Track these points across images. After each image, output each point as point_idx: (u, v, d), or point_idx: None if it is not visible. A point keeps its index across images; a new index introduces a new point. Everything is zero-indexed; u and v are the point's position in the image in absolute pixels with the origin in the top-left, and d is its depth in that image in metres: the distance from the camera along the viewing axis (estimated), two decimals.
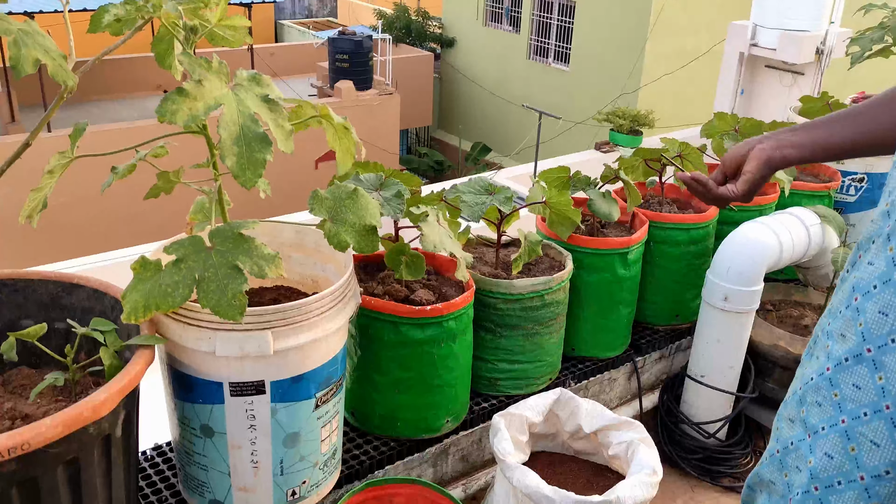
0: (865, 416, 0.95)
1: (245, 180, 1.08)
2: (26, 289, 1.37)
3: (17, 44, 0.98)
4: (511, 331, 1.74)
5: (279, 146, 1.12)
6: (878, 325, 0.94)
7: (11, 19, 1.02)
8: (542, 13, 15.52)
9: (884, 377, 0.93)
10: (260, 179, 1.10)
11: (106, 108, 12.27)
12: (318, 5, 22.85)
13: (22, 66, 0.97)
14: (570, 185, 1.96)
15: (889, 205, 0.95)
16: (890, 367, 0.93)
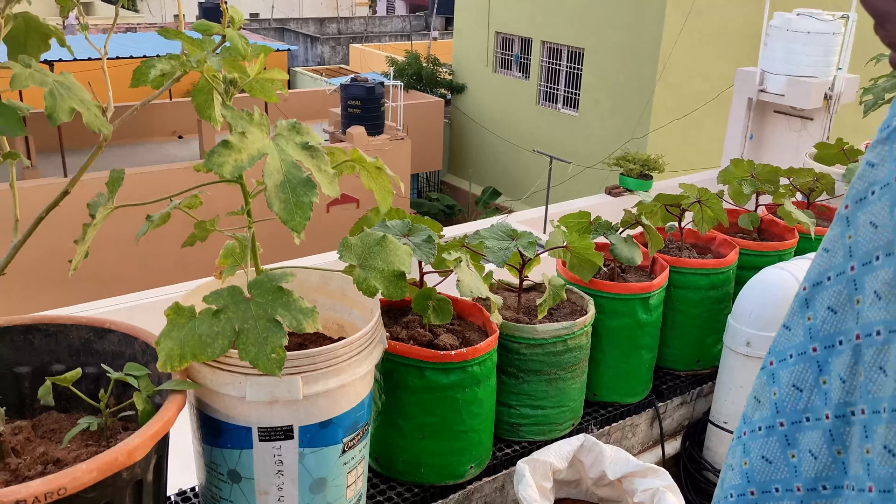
0: (777, 492, 0.91)
1: (294, 224, 1.10)
2: (58, 333, 1.38)
3: (53, 94, 1.01)
4: (534, 376, 1.75)
5: (324, 190, 1.14)
6: (792, 399, 0.90)
7: (47, 71, 1.06)
8: (550, 60, 15.77)
9: (796, 455, 0.90)
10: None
11: (123, 153, 12.47)
12: (331, 53, 23.29)
13: (57, 115, 1.00)
14: (591, 229, 1.98)
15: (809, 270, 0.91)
16: (803, 445, 0.89)
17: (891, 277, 0.79)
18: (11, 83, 1.02)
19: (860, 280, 0.84)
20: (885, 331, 0.79)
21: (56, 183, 9.99)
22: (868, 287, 0.82)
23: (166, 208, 1.34)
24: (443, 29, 25.82)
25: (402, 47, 20.13)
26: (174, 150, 13.74)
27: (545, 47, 15.78)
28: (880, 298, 0.80)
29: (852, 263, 0.85)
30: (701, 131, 13.59)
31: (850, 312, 0.85)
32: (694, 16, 12.46)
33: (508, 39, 16.68)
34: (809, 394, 0.89)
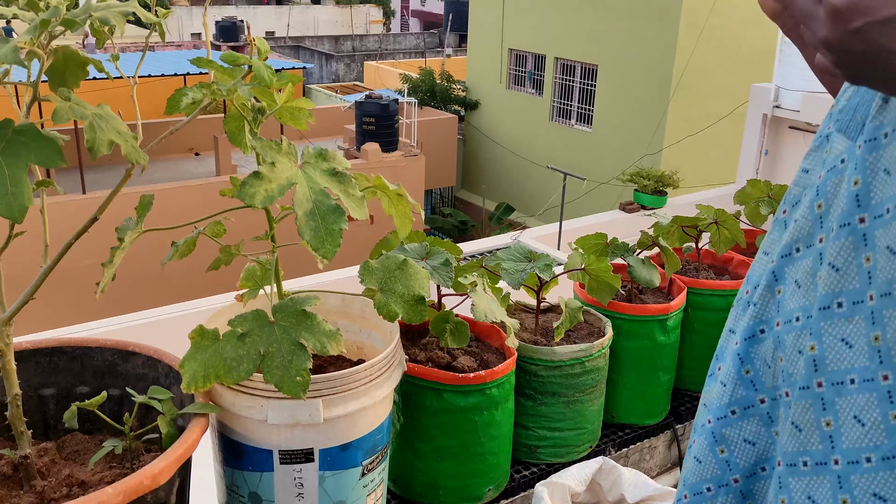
0: (708, 492, 0.94)
1: (325, 252, 1.12)
2: (84, 356, 1.41)
3: (93, 127, 1.04)
4: (551, 398, 1.75)
5: (354, 215, 1.16)
6: (718, 395, 0.95)
7: (87, 104, 1.08)
8: (564, 76, 15.82)
9: (726, 451, 0.94)
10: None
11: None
12: (345, 70, 23.48)
13: (98, 148, 1.02)
14: (609, 251, 1.98)
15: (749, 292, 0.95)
16: (735, 437, 0.93)
17: (810, 266, 0.84)
18: (54, 117, 1.05)
19: (780, 271, 0.89)
20: (804, 316, 0.83)
21: (75, 200, 10.12)
22: (789, 277, 0.87)
23: (191, 234, 1.36)
24: (456, 46, 25.99)
25: (416, 64, 20.27)
26: (191, 167, 13.87)
27: (559, 64, 15.84)
28: (800, 287, 0.85)
29: (773, 258, 0.91)
30: (715, 147, 13.57)
31: (772, 302, 0.90)
32: (708, 31, 12.48)
33: (522, 56, 16.76)
34: (733, 386, 0.93)
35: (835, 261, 0.78)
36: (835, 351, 0.78)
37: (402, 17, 35.37)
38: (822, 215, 0.83)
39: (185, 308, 4.20)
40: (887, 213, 0.74)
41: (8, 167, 0.97)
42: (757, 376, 0.91)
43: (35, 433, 1.38)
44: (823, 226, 0.82)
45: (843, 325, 0.77)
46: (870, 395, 0.75)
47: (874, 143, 0.76)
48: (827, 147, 0.86)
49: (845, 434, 0.77)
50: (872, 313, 0.75)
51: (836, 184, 0.81)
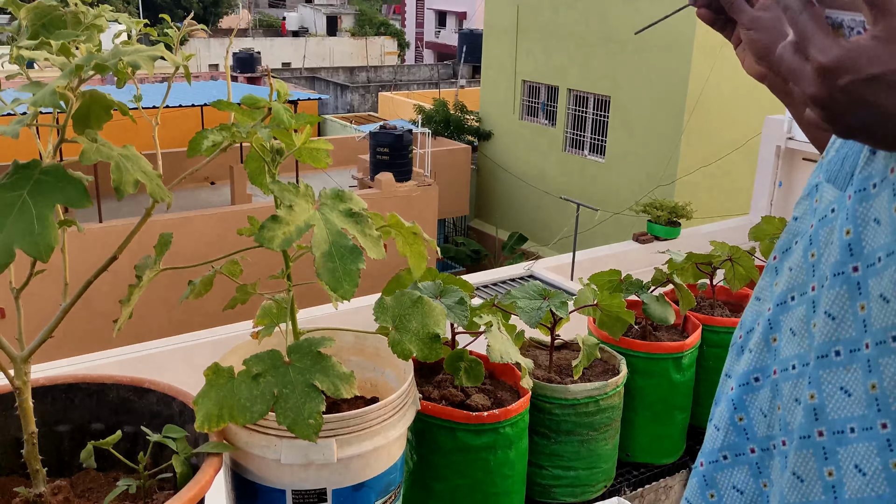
0: None
1: (343, 292, 1.13)
2: (99, 392, 1.41)
3: (119, 168, 1.05)
4: (566, 436, 1.74)
5: (370, 254, 1.17)
6: (711, 439, 0.97)
7: (112, 145, 1.10)
8: (577, 107, 15.91)
9: (715, 495, 0.96)
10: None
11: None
12: (360, 101, 23.72)
13: (124, 188, 1.04)
14: (623, 287, 1.98)
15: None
16: (725, 483, 0.94)
17: (804, 315, 0.85)
18: (81, 158, 1.07)
19: (775, 319, 0.90)
20: (800, 364, 0.84)
21: (91, 229, 10.20)
22: (785, 325, 0.88)
23: (208, 273, 1.38)
24: (470, 77, 26.22)
25: (430, 95, 20.46)
26: (206, 196, 14.00)
27: (571, 95, 15.94)
28: (795, 335, 0.86)
29: (769, 305, 0.92)
30: (729, 178, 13.56)
31: (768, 351, 0.91)
32: (721, 62, 12.54)
33: (535, 87, 16.88)
34: (726, 431, 0.94)
35: (830, 309, 0.79)
36: (834, 399, 0.78)
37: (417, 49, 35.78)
38: (814, 264, 0.84)
39: (199, 337, 4.22)
40: (879, 261, 0.75)
41: (35, 207, 0.98)
42: (750, 424, 0.91)
43: (49, 470, 1.38)
44: (816, 274, 0.83)
45: (841, 373, 0.78)
46: (869, 444, 0.75)
47: (864, 193, 0.78)
48: (817, 196, 0.88)
49: (847, 484, 0.77)
50: (869, 361, 0.75)
51: (827, 233, 0.83)
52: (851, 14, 0.68)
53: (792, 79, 0.70)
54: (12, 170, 1.02)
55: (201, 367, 1.30)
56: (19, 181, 1.00)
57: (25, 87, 1.01)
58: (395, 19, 38.12)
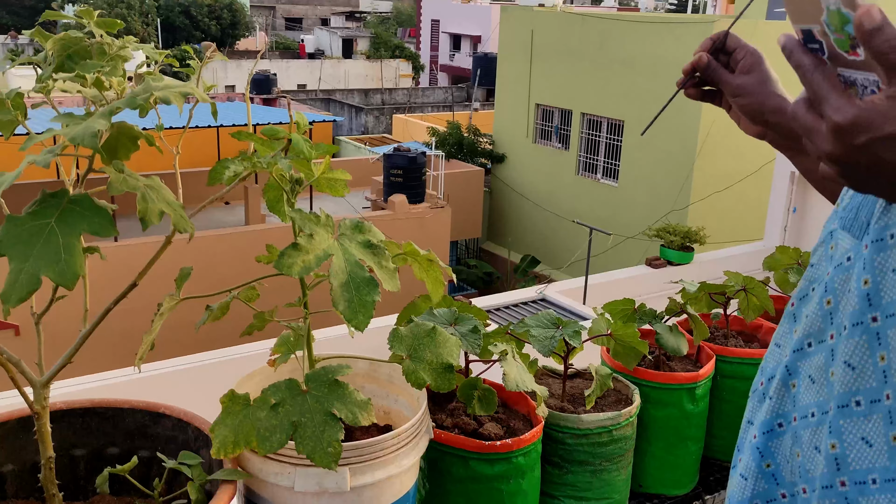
0: None
1: (357, 323, 1.14)
2: (115, 417, 1.42)
3: (145, 199, 1.07)
4: (578, 466, 1.73)
5: (386, 286, 1.19)
6: (739, 488, 0.98)
7: (138, 175, 1.13)
8: (590, 131, 15.95)
9: None
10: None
11: None
12: (374, 122, 23.89)
13: (149, 219, 1.06)
14: (636, 317, 1.98)
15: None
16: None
17: (822, 362, 0.85)
18: (109, 189, 1.09)
19: (793, 366, 0.91)
20: (819, 412, 0.85)
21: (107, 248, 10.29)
22: (803, 372, 0.89)
23: (226, 299, 1.39)
24: (484, 100, 26.37)
25: (444, 118, 20.58)
26: (221, 216, 14.09)
27: (585, 119, 15.99)
28: (814, 382, 0.87)
29: (787, 352, 0.92)
30: (743, 203, 13.53)
31: (787, 397, 0.92)
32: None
33: (548, 111, 16.95)
34: (754, 480, 0.94)
35: (850, 359, 0.79)
36: (856, 450, 0.79)
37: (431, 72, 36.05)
38: (831, 311, 0.85)
39: (214, 357, 4.23)
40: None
41: (62, 235, 1.00)
42: (778, 470, 0.91)
43: (65, 494, 1.39)
44: (833, 322, 0.84)
45: (862, 423, 0.78)
46: (892, 496, 0.76)
47: (881, 243, 0.78)
48: (832, 243, 0.88)
49: None
50: (890, 412, 0.76)
51: (843, 280, 0.83)
52: (864, 73, 0.70)
53: (806, 135, 0.72)
54: (40, 198, 1.04)
55: (215, 387, 1.32)
56: (47, 209, 1.02)
57: (57, 119, 1.03)
58: (411, 42, 38.47)
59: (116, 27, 1.36)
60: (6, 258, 0.98)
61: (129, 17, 28.02)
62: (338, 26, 41.90)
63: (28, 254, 0.97)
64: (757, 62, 0.99)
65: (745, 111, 0.99)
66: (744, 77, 0.98)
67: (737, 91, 0.98)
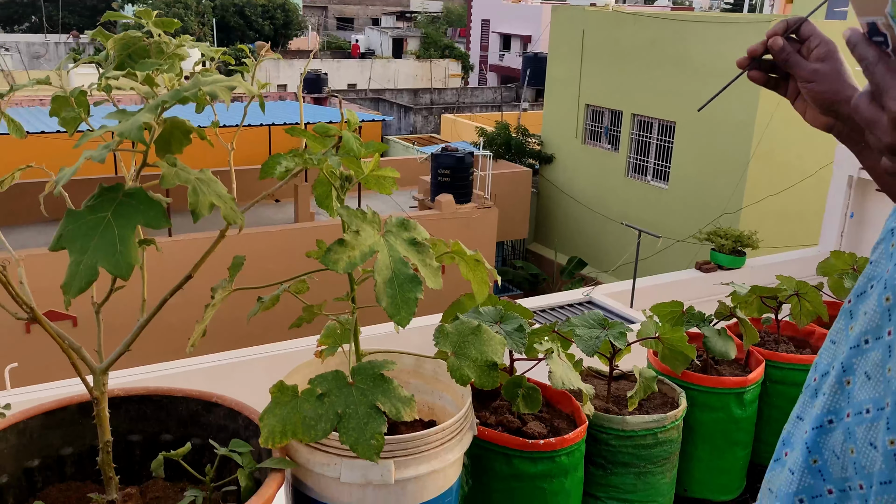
0: None
1: (400, 319, 1.16)
2: (170, 405, 1.47)
3: (196, 191, 1.11)
4: (622, 468, 1.72)
5: (429, 284, 1.20)
6: (786, 482, 0.95)
7: (190, 168, 1.16)
8: (641, 132, 15.76)
9: None
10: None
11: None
12: (423, 122, 23.98)
13: (200, 211, 1.09)
14: (684, 320, 1.96)
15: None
16: None
17: (879, 359, 0.84)
18: (161, 182, 1.13)
19: (848, 363, 0.89)
20: (875, 409, 0.84)
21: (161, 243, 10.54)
22: (859, 369, 0.88)
23: (276, 291, 1.42)
24: (533, 100, 26.25)
25: (493, 118, 20.55)
26: (270, 213, 14.31)
27: (635, 120, 15.80)
28: (870, 379, 0.85)
29: (843, 349, 0.91)
30: (798, 207, 13.21)
31: (841, 394, 0.90)
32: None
33: (598, 112, 16.80)
34: (801, 475, 0.93)
35: None
36: None
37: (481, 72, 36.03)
38: (889, 308, 0.84)
39: (264, 351, 4.31)
40: None
41: (118, 228, 1.04)
42: (825, 466, 0.90)
43: (120, 477, 1.44)
44: (892, 318, 0.83)
45: None
46: None
47: None
48: (893, 241, 0.87)
49: None
50: None
51: None
52: None
53: (868, 128, 0.71)
54: (97, 192, 1.08)
55: (265, 380, 1.35)
56: (103, 203, 1.06)
57: (112, 115, 1.07)
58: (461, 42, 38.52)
59: (174, 27, 1.40)
60: (66, 251, 1.02)
61: (186, 17, 28.66)
62: (388, 26, 42.17)
63: (86, 246, 1.01)
64: (832, 52, 0.96)
65: (817, 99, 0.95)
66: (819, 64, 0.95)
67: (811, 76, 0.94)
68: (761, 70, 1.03)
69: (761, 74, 1.04)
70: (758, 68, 1.04)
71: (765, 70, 1.03)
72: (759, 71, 1.03)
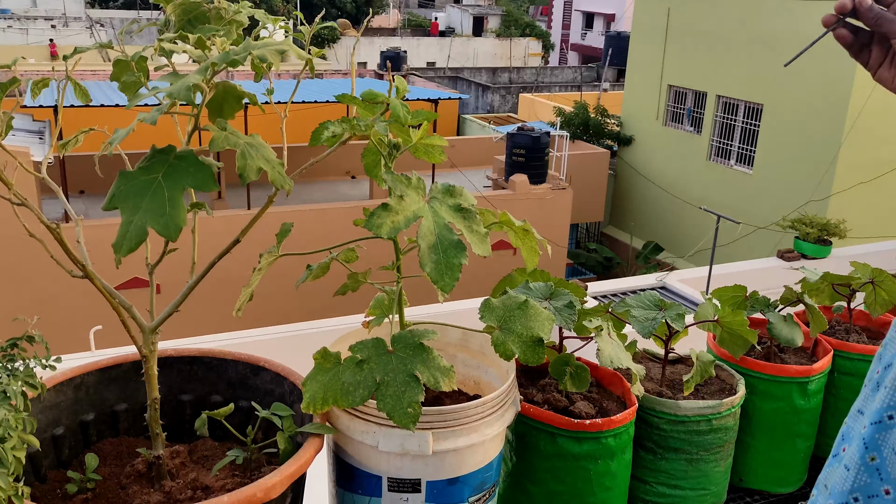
0: None
1: (443, 285, 1.15)
2: (219, 367, 1.50)
3: (244, 155, 1.12)
4: (673, 454, 1.67)
5: (475, 250, 1.19)
6: (841, 479, 0.94)
7: (240, 133, 1.17)
8: (725, 115, 15.24)
9: None
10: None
11: (300, 190, 13.33)
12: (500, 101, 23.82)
13: (247, 174, 1.10)
14: (747, 304, 1.88)
15: None
16: None
17: None
18: (210, 145, 1.14)
19: None
20: None
21: (240, 215, 10.85)
22: None
23: (325, 259, 1.43)
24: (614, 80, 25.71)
25: (572, 98, 20.23)
26: (345, 190, 14.52)
27: (720, 102, 15.29)
28: None
29: None
30: (890, 196, 12.56)
31: None
32: (887, 70, 11.59)
33: (681, 93, 16.32)
34: (856, 472, 0.90)
35: None
36: None
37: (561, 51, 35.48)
38: None
39: (315, 326, 4.38)
40: None
41: (168, 190, 1.06)
42: (883, 464, 0.85)
43: (172, 435, 1.48)
44: None
45: None
46: None
47: None
48: None
49: None
50: None
51: None
52: None
53: None
54: (150, 154, 1.10)
55: (311, 353, 1.36)
56: (155, 165, 1.08)
57: (164, 78, 1.09)
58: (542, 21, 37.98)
59: None
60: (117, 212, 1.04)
61: None
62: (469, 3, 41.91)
63: (138, 206, 1.03)
64: None
65: None
66: None
67: None
68: (848, 29, 0.97)
69: (847, 33, 0.97)
70: (844, 26, 0.97)
71: (852, 30, 0.97)
72: (845, 30, 0.97)
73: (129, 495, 1.27)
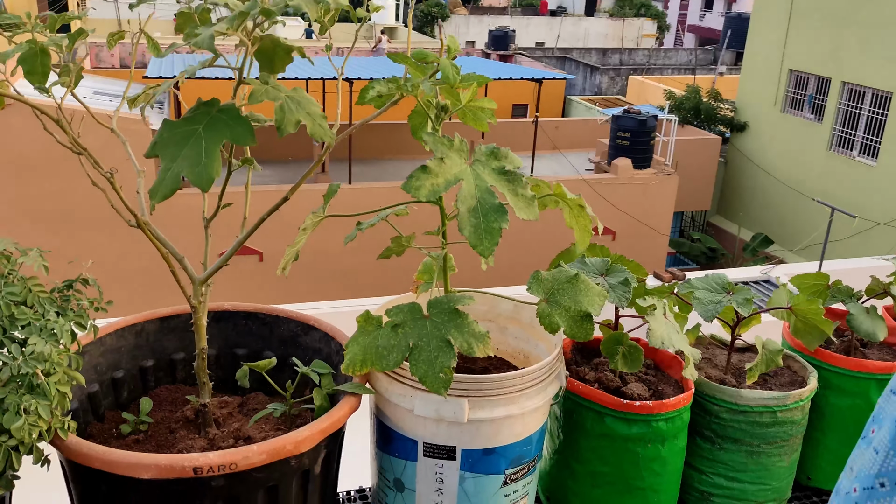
0: None
1: (483, 249, 1.13)
2: (272, 323, 1.54)
3: (283, 109, 1.12)
4: (732, 444, 1.59)
5: (519, 214, 1.16)
6: (870, 463, 0.90)
7: (281, 85, 1.18)
8: (850, 102, 14.34)
9: None
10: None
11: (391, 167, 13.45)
12: (609, 83, 23.26)
13: (284, 127, 1.11)
14: (829, 294, 1.76)
15: None
16: None
17: None
18: (249, 98, 1.16)
19: None
20: None
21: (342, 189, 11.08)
22: None
23: (374, 219, 1.44)
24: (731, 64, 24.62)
25: (685, 81, 19.53)
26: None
27: (846, 88, 14.39)
28: None
29: None
30: None
31: None
32: None
33: (803, 78, 15.47)
34: (885, 455, 0.88)
35: None
36: None
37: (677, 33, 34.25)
38: None
39: (368, 303, 4.42)
40: None
41: (206, 141, 1.08)
42: None
43: (227, 388, 1.54)
44: None
45: None
46: None
47: None
48: None
49: None
50: None
51: None
52: None
53: None
54: (196, 105, 1.13)
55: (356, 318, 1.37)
56: (198, 116, 1.10)
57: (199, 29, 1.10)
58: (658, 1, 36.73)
59: None
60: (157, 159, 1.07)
61: None
62: None
63: (176, 155, 1.06)
64: None
65: None
66: None
67: None
68: None
69: None
70: None
71: None
72: None
73: (175, 439, 1.32)
